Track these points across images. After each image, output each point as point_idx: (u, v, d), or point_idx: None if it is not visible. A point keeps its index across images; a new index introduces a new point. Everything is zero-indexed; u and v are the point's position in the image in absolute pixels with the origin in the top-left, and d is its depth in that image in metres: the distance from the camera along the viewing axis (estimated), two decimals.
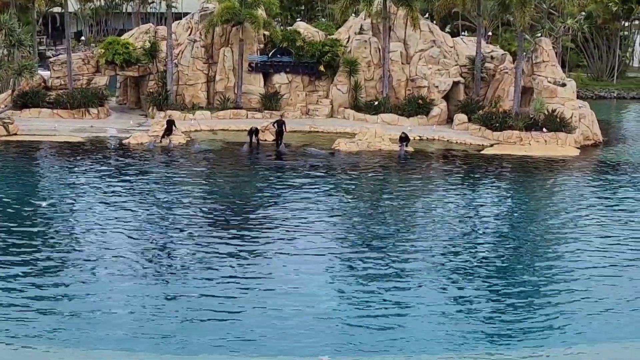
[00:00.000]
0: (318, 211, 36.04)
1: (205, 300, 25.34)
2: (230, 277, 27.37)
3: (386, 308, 25.08)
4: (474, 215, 36.71)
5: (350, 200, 38.82)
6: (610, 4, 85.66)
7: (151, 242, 31.08)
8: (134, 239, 31.41)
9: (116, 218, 33.98)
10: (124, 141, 51.03)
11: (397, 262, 29.35)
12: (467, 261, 29.72)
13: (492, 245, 32.08)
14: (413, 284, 27.20)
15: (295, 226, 33.44)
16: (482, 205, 38.64)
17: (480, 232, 33.92)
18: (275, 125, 51.59)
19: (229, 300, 25.37)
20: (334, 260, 29.51)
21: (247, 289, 26.31)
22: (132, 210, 35.36)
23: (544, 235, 33.56)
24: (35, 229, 32.27)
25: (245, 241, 31.36)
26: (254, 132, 51.85)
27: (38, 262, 28.34)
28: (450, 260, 29.69)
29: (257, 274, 27.70)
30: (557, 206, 39.00)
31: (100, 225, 32.93)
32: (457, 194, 40.77)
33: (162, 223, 33.73)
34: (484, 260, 29.92)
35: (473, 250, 31.16)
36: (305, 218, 34.70)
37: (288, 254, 30.00)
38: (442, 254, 30.36)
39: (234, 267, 28.36)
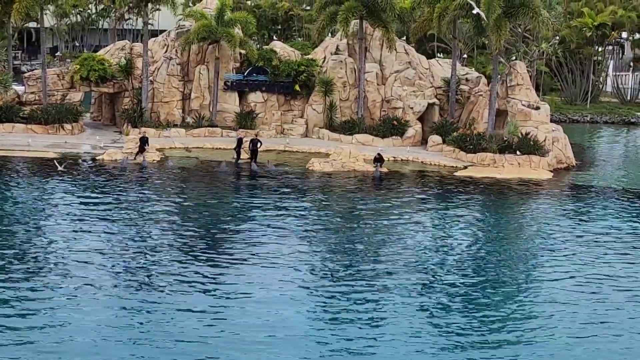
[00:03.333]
0: (290, 231, 35.99)
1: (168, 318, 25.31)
2: (199, 294, 27.32)
3: (360, 328, 25.06)
4: (446, 236, 36.80)
5: (323, 220, 38.75)
6: (584, 29, 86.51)
7: (121, 259, 30.91)
8: (105, 255, 31.21)
9: (87, 234, 33.77)
10: (97, 157, 50.85)
11: (370, 281, 29.36)
12: (439, 281, 29.79)
13: (463, 266, 32.11)
14: (386, 303, 27.21)
15: (267, 245, 33.41)
16: (455, 227, 38.67)
17: (453, 253, 33.99)
18: (250, 144, 51.58)
19: (197, 318, 25.29)
20: (305, 283, 29.47)
21: (217, 306, 26.27)
22: (103, 227, 35.13)
23: (516, 257, 33.65)
24: (4, 242, 32.05)
25: (215, 260, 31.21)
26: (239, 140, 51.95)
27: (6, 272, 28.16)
28: (422, 281, 29.74)
29: (227, 294, 27.62)
30: (529, 228, 39.25)
31: (70, 241, 32.70)
32: (431, 216, 40.88)
33: (133, 240, 33.55)
34: (455, 281, 29.99)
35: (444, 271, 31.19)
36: (277, 237, 34.68)
37: (258, 271, 29.98)
38: (415, 274, 30.37)
39: (203, 284, 28.26)
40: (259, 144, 51.55)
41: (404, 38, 69.20)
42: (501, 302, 28.17)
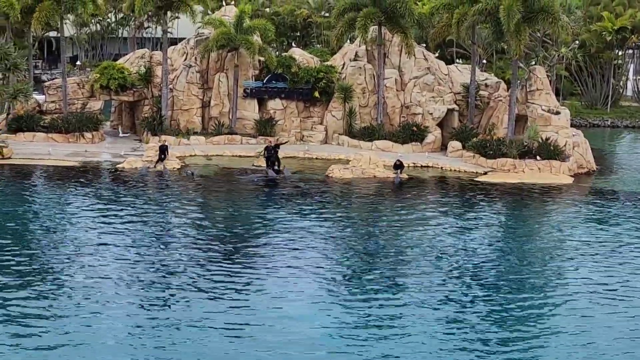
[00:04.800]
0: (311, 239, 35.98)
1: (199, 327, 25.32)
2: (220, 301, 27.38)
3: (383, 338, 25.03)
4: (468, 242, 36.60)
5: (344, 227, 38.68)
6: (604, 33, 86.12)
7: (144, 267, 30.98)
8: (126, 263, 31.30)
9: (108, 243, 33.88)
10: (117, 166, 51.01)
11: (391, 287, 29.34)
12: (462, 287, 29.74)
13: (485, 272, 31.99)
14: (408, 307, 27.19)
15: (288, 252, 33.46)
16: (476, 232, 38.52)
17: (474, 259, 33.79)
18: (265, 151, 51.71)
19: (219, 326, 25.31)
20: (327, 288, 29.46)
21: (240, 313, 26.31)
22: (124, 235, 35.25)
23: (537, 263, 33.49)
24: (27, 252, 32.16)
25: (238, 269, 31.27)
26: (266, 149, 52.10)
27: (28, 286, 28.25)
28: (444, 286, 29.69)
29: (249, 301, 27.68)
30: (551, 234, 39.03)
31: (92, 249, 32.82)
32: (452, 221, 40.70)
33: (154, 248, 33.64)
34: (478, 287, 29.91)
35: (467, 277, 31.10)
36: (298, 244, 34.72)
37: (280, 277, 30.05)
38: (437, 281, 30.34)
39: (225, 291, 28.32)
40: (272, 151, 51.61)
41: (424, 45, 68.91)
42: (522, 308, 28.04)
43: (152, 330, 24.99)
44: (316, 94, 61.83)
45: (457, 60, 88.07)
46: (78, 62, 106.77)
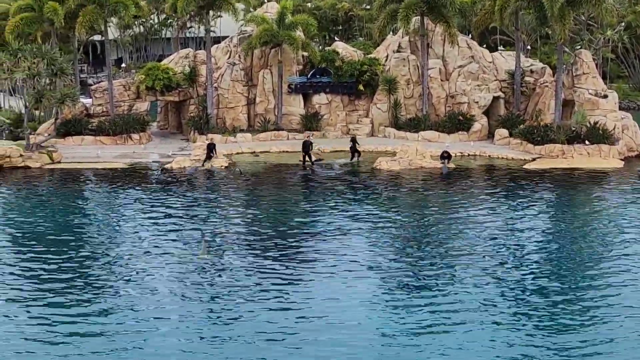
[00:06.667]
0: (361, 231, 36.02)
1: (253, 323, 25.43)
2: (276, 299, 27.49)
3: (442, 332, 24.99)
4: (520, 230, 36.36)
5: (395, 219, 38.61)
6: None
7: (196, 265, 31.17)
8: (181, 264, 31.52)
9: (161, 244, 34.14)
10: (166, 166, 51.34)
11: (444, 279, 29.29)
12: (515, 277, 29.57)
13: (540, 261, 31.79)
14: (461, 299, 27.11)
15: (340, 245, 33.54)
16: (528, 220, 38.20)
17: (529, 248, 33.59)
18: (303, 146, 52.05)
19: (277, 325, 25.43)
20: (382, 288, 29.44)
21: (292, 308, 26.39)
22: (177, 235, 35.47)
23: (593, 251, 33.11)
24: (82, 253, 32.50)
25: (292, 264, 31.37)
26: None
27: (83, 288, 28.56)
28: (498, 278, 29.55)
29: (304, 298, 27.77)
30: (604, 219, 38.60)
31: (147, 251, 33.08)
32: (503, 209, 40.50)
33: (207, 245, 33.83)
34: (532, 277, 29.74)
35: (523, 266, 30.89)
36: (351, 237, 34.82)
37: (334, 273, 30.06)
38: (490, 270, 30.20)
39: (279, 289, 28.44)
40: (310, 146, 52.03)
41: (469, 35, 68.48)
42: (573, 297, 27.83)
43: (209, 332, 25.20)
44: (361, 87, 61.77)
45: (500, 47, 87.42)
46: (123, 65, 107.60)
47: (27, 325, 25.25)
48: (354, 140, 53.67)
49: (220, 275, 29.98)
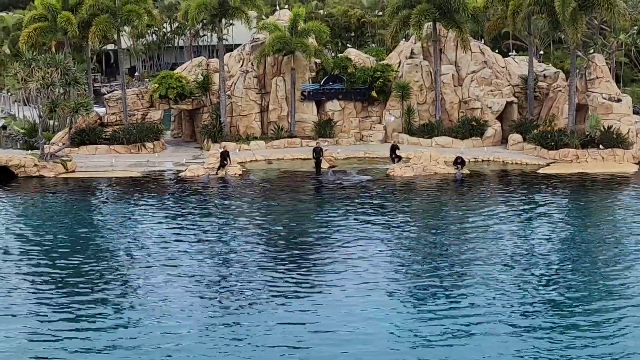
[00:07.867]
0: (377, 239, 35.96)
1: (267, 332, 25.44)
2: (291, 306, 27.51)
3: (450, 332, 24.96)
4: (536, 237, 36.27)
5: (409, 225, 38.55)
6: None
7: (213, 275, 31.20)
8: (195, 272, 31.52)
9: (176, 253, 34.14)
10: (180, 174, 51.44)
11: (460, 283, 29.24)
12: (532, 283, 29.50)
13: (557, 268, 31.65)
14: (478, 304, 27.05)
15: (355, 253, 33.45)
16: (544, 227, 38.11)
17: (546, 256, 33.35)
18: (314, 153, 52.09)
19: (292, 332, 25.43)
20: (396, 293, 29.41)
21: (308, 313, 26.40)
22: (192, 244, 35.51)
23: (610, 259, 32.77)
24: (96, 263, 32.53)
25: (307, 271, 31.37)
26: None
27: (98, 300, 28.61)
28: (515, 283, 29.48)
29: (320, 304, 27.75)
30: (619, 224, 38.47)
31: (162, 259, 33.09)
32: (518, 215, 40.41)
33: (223, 255, 33.85)
34: (549, 283, 29.64)
35: (540, 274, 30.72)
36: (365, 246, 34.69)
37: (350, 280, 30.03)
38: (507, 278, 30.12)
39: (296, 295, 28.45)
40: (321, 152, 52.20)
41: (482, 41, 68.42)
42: (589, 303, 27.73)
43: (222, 335, 25.23)
44: (374, 93, 61.81)
45: (512, 52, 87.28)
46: (136, 73, 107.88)
47: (40, 334, 25.36)
48: (394, 148, 53.87)
49: (233, 288, 30.01)
